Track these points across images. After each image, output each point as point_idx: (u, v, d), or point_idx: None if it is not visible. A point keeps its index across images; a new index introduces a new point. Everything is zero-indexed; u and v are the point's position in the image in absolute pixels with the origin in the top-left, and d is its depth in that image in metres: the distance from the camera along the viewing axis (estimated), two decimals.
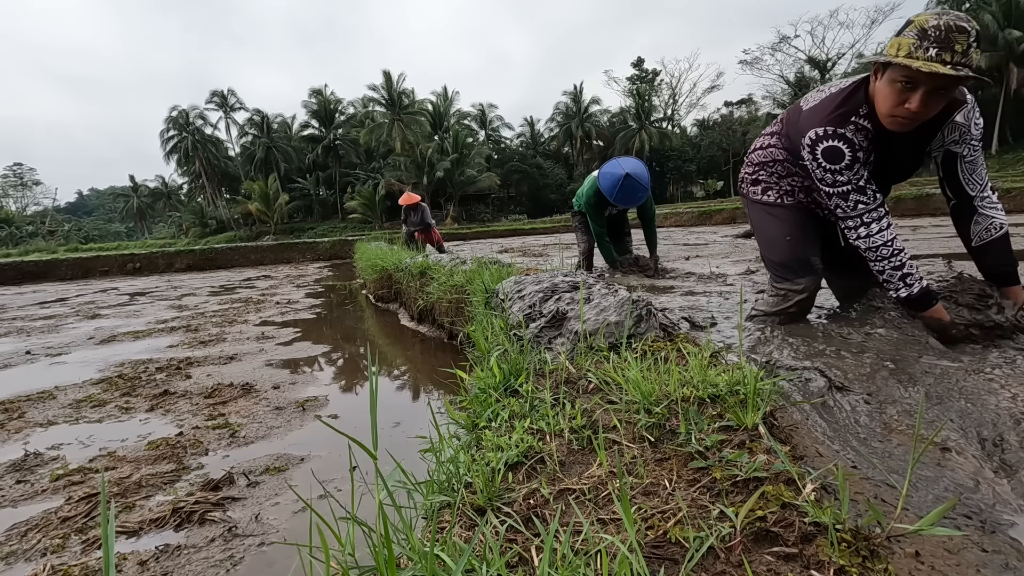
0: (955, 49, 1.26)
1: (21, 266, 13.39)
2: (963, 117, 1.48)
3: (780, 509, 0.61)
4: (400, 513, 0.67)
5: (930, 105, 1.37)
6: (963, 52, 1.26)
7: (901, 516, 0.62)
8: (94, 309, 6.20)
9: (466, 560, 0.57)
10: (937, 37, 1.27)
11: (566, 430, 0.93)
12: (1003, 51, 28.29)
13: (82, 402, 2.39)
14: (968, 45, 1.26)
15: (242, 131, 49.09)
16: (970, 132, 1.50)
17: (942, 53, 1.27)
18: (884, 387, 1.15)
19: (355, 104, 49.53)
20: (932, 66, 1.26)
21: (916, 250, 4.07)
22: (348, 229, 38.13)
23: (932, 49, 1.28)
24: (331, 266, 12.76)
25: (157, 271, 14.00)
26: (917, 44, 1.30)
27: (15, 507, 1.48)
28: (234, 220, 47.95)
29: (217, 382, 2.59)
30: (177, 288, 8.62)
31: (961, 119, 1.49)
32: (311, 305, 5.57)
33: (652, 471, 0.76)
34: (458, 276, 3.00)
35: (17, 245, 46.51)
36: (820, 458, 0.82)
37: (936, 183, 1.78)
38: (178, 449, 1.79)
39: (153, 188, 59.49)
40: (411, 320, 4.07)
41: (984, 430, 0.96)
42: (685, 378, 1.00)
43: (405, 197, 8.01)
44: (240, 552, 1.21)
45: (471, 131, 47.91)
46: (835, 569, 0.52)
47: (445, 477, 0.85)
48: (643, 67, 47.91)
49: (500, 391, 1.20)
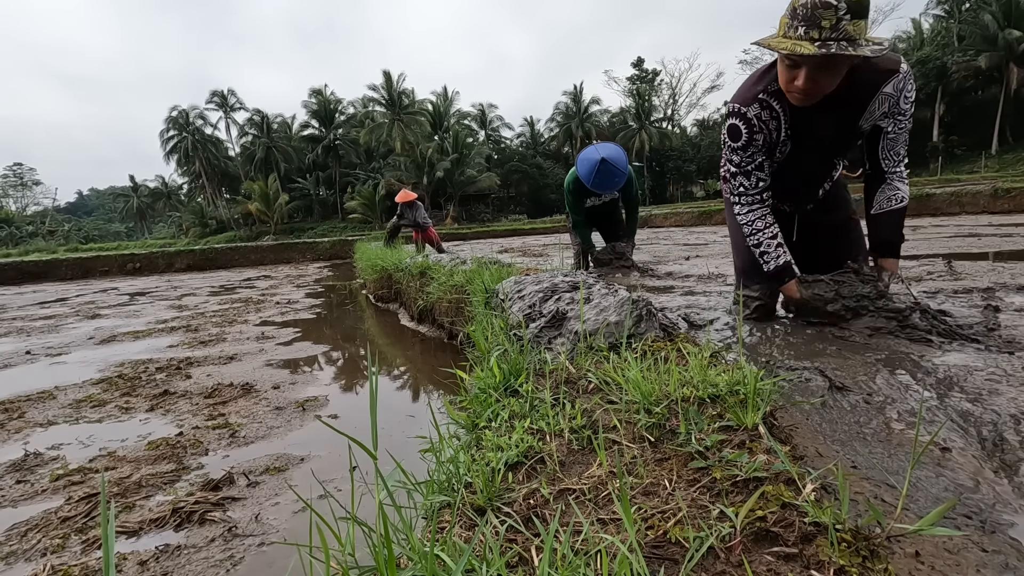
0: (822, 26, 1.24)
1: (21, 266, 13.39)
2: (892, 88, 1.43)
3: (780, 509, 0.61)
4: (400, 513, 0.67)
5: (820, 81, 1.35)
6: (832, 27, 1.24)
7: (901, 516, 0.62)
8: (94, 309, 6.19)
9: (466, 560, 0.56)
10: (804, 15, 1.27)
11: (566, 430, 0.93)
12: (1003, 51, 28.29)
13: (82, 402, 2.39)
14: (837, 19, 1.23)
15: (242, 131, 49.08)
16: (899, 105, 1.45)
17: (810, 31, 1.26)
18: (884, 387, 1.15)
19: (355, 104, 49.52)
20: (799, 45, 1.26)
21: (916, 250, 4.07)
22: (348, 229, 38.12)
23: (800, 28, 1.28)
24: (331, 266, 12.76)
25: (157, 271, 14.00)
26: (789, 23, 1.31)
27: (15, 507, 1.48)
28: (234, 220, 47.94)
29: (217, 382, 2.59)
30: (177, 288, 8.62)
31: (890, 89, 1.44)
32: (311, 305, 5.57)
33: (652, 471, 0.76)
34: (458, 276, 3.00)
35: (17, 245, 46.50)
36: (820, 458, 0.82)
37: (937, 183, 1.80)
38: (178, 449, 1.79)
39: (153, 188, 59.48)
40: (411, 320, 4.07)
41: (984, 430, 0.96)
42: (685, 378, 1.00)
43: (402, 194, 7.98)
44: (240, 552, 1.21)
45: (471, 131, 47.90)
46: (835, 569, 0.52)
47: (445, 477, 0.85)
48: (643, 67, 47.91)
49: (500, 391, 1.20)
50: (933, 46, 34.09)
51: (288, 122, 50.17)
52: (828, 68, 1.32)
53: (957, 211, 11.19)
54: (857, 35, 1.25)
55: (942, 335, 1.44)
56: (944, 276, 2.68)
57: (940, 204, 11.67)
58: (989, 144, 30.42)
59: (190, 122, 48.08)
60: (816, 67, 1.32)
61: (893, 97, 1.45)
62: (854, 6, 1.23)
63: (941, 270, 2.91)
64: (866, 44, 1.26)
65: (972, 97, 33.92)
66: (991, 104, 30.69)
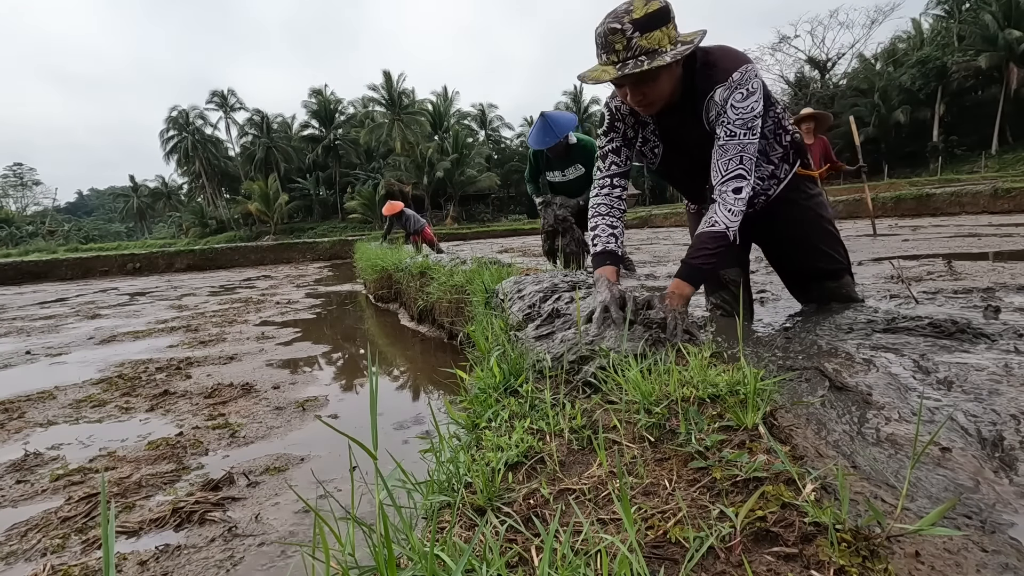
0: (616, 49, 1.32)
1: (21, 266, 13.39)
2: (720, 96, 1.44)
3: (780, 509, 0.61)
4: (400, 513, 0.67)
5: (648, 93, 1.41)
6: (626, 47, 1.31)
7: (901, 516, 0.62)
8: (94, 309, 6.19)
9: (466, 560, 0.56)
10: (601, 43, 1.36)
11: (566, 430, 0.93)
12: (1003, 51, 28.29)
13: (82, 402, 2.39)
14: (627, 40, 1.31)
15: (242, 131, 49.10)
16: (726, 113, 1.43)
17: (609, 56, 1.35)
18: (884, 387, 1.15)
19: (355, 104, 49.54)
20: (604, 72, 1.35)
21: (916, 250, 4.07)
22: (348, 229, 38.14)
23: (602, 55, 1.37)
24: (331, 266, 12.76)
25: (157, 271, 14.00)
26: (597, 51, 1.39)
27: (15, 507, 1.48)
28: (234, 220, 47.96)
29: (217, 382, 2.59)
30: (177, 288, 8.62)
31: (718, 97, 1.45)
32: (311, 305, 5.57)
33: (652, 471, 0.76)
34: (458, 276, 3.00)
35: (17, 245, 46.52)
36: (820, 458, 0.82)
37: (937, 183, 1.78)
38: (178, 449, 1.79)
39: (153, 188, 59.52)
40: (411, 320, 4.07)
41: (984, 430, 0.96)
42: (685, 378, 1.00)
43: (388, 207, 7.90)
44: (240, 552, 1.21)
45: (471, 131, 47.90)
46: (835, 569, 0.52)
47: (445, 477, 0.85)
48: None
49: (500, 391, 1.20)
50: (933, 46, 34.09)
51: (288, 122, 50.18)
52: (645, 81, 1.38)
53: (957, 211, 11.19)
54: (655, 46, 1.31)
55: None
56: (944, 276, 2.68)
57: (940, 204, 11.68)
58: (989, 144, 30.42)
59: (190, 122, 48.09)
60: (633, 82, 1.39)
61: (719, 105, 1.45)
62: (641, 22, 1.30)
63: (941, 270, 2.91)
64: (670, 49, 1.32)
65: (972, 97, 33.92)
66: (991, 104, 30.69)
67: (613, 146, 1.67)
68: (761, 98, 1.45)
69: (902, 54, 37.30)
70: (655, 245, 7.36)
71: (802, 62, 41.00)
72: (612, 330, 1.29)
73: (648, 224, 17.78)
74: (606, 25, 1.34)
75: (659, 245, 7.32)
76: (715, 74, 1.45)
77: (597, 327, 1.32)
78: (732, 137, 1.43)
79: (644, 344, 1.22)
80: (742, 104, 1.42)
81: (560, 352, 1.25)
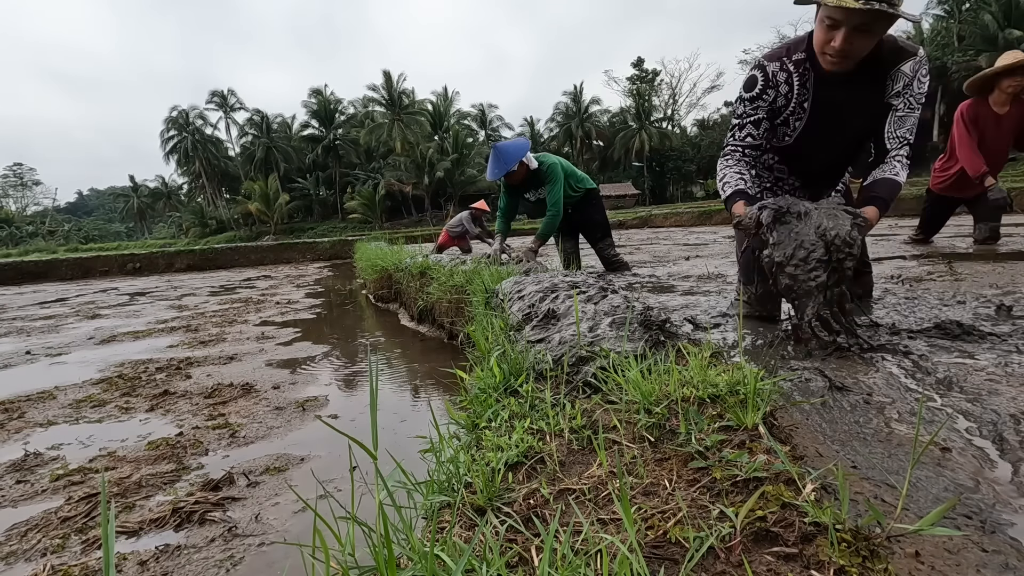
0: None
1: (21, 266, 13.39)
2: (909, 68, 1.49)
3: (780, 509, 0.61)
4: (400, 513, 0.67)
5: (855, 43, 1.40)
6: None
7: (901, 516, 0.62)
8: (94, 309, 6.20)
9: (466, 560, 0.56)
10: None
11: (566, 430, 0.93)
12: (1003, 51, 28.26)
13: (82, 402, 2.39)
14: None
15: (242, 131, 49.09)
16: (911, 87, 1.49)
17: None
18: (884, 387, 1.15)
19: (355, 104, 49.55)
20: (844, 0, 1.30)
21: (915, 250, 4.08)
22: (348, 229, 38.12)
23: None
24: (331, 266, 12.76)
25: (157, 271, 14.00)
26: None
27: (15, 507, 1.48)
28: (234, 220, 47.95)
29: (217, 382, 2.59)
30: (177, 288, 8.62)
31: (907, 69, 1.49)
32: (311, 305, 5.57)
33: (652, 471, 0.76)
34: (458, 276, 3.00)
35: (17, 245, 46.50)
36: (820, 458, 0.82)
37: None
38: (178, 449, 1.79)
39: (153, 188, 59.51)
40: (411, 320, 4.07)
41: (984, 429, 0.96)
42: (685, 378, 1.00)
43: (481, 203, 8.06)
44: (240, 552, 1.21)
45: (471, 131, 47.90)
46: (835, 569, 0.52)
47: (445, 477, 0.85)
48: (643, 67, 47.93)
49: (500, 391, 1.20)
50: (933, 46, 34.08)
51: (288, 122, 50.17)
52: (865, 31, 1.37)
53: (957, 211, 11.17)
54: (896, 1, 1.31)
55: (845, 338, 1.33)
56: (944, 276, 2.68)
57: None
58: None
59: (190, 122, 48.07)
60: (854, 28, 1.37)
61: (908, 76, 1.49)
62: None
63: (941, 270, 2.91)
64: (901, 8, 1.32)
65: None
66: None
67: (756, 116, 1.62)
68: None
69: None
70: (655, 245, 7.36)
71: None
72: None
73: (648, 224, 17.78)
74: None
75: (659, 245, 7.32)
76: (903, 49, 1.49)
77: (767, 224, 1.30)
78: (913, 110, 1.50)
79: (644, 344, 1.22)
80: (926, 79, 1.49)
81: (560, 353, 1.25)
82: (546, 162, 3.69)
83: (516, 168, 3.57)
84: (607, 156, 47.06)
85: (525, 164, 3.63)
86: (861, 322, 1.40)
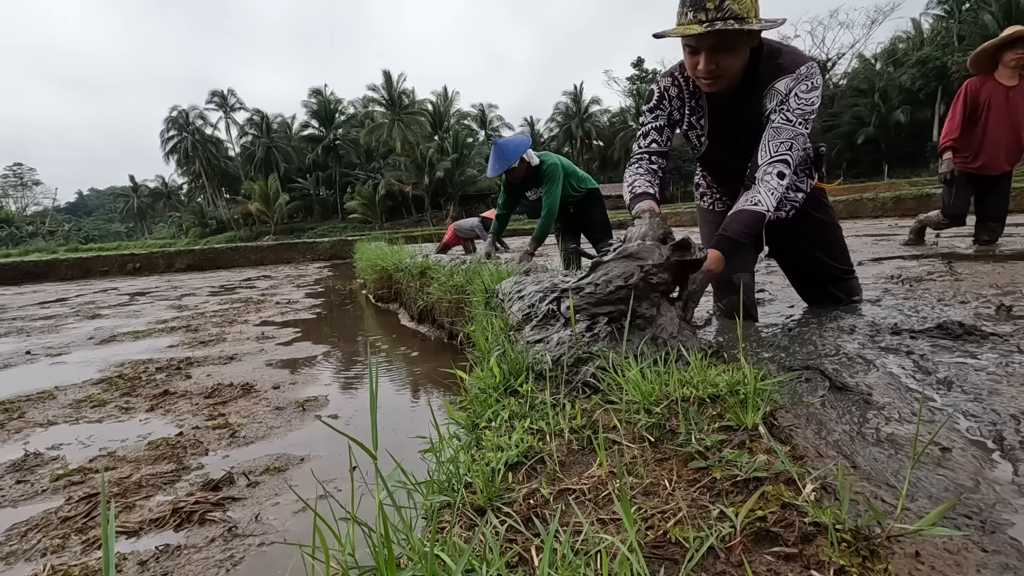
0: (707, 7, 1.31)
1: (21, 266, 13.39)
2: (783, 86, 1.46)
3: (780, 509, 0.61)
4: (400, 513, 0.67)
5: (720, 63, 1.41)
6: (717, 7, 1.30)
7: (901, 516, 0.62)
8: (94, 309, 6.20)
9: (466, 560, 0.56)
10: (691, 1, 1.34)
11: (566, 430, 0.93)
12: None
13: (82, 402, 2.39)
14: (719, 0, 1.30)
15: (242, 131, 49.10)
16: (787, 103, 1.45)
17: (697, 13, 1.33)
18: (884, 387, 1.15)
19: (355, 104, 49.57)
20: (688, 28, 1.32)
21: (915, 250, 4.07)
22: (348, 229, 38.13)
23: (689, 12, 1.35)
24: (331, 266, 12.76)
25: (157, 271, 14.00)
26: (680, 10, 1.37)
27: (15, 507, 1.48)
28: (234, 220, 47.96)
29: (217, 382, 2.59)
30: (177, 288, 8.62)
31: (781, 87, 1.47)
32: (311, 305, 5.57)
33: (652, 471, 0.76)
34: (458, 276, 3.00)
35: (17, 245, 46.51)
36: (820, 458, 0.82)
37: (936, 183, 1.79)
38: (178, 449, 1.79)
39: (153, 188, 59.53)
40: (411, 320, 4.07)
41: (985, 429, 0.96)
42: (685, 378, 1.00)
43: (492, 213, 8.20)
44: (240, 552, 1.21)
45: (471, 131, 47.90)
46: (835, 569, 0.52)
47: (445, 477, 0.85)
48: (643, 67, 47.90)
49: (500, 391, 1.20)
50: (933, 46, 34.08)
51: (288, 122, 50.18)
52: (724, 49, 1.38)
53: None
54: (744, 13, 1.31)
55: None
56: (944, 276, 2.68)
57: (940, 204, 11.65)
58: None
59: (190, 122, 48.09)
60: (712, 49, 1.38)
61: (781, 94, 1.47)
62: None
63: (941, 270, 2.91)
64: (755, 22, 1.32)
65: None
66: None
67: (657, 124, 1.67)
68: (820, 97, 1.48)
69: (902, 54, 37.31)
70: None
71: None
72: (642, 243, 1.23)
73: None
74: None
75: None
76: (781, 65, 1.47)
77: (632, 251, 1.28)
78: (788, 123, 1.45)
79: (644, 344, 1.21)
80: (806, 96, 1.44)
81: (559, 354, 1.24)
82: (547, 162, 3.69)
83: (517, 165, 3.57)
84: (607, 156, 47.08)
85: (526, 161, 3.63)
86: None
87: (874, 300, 2.09)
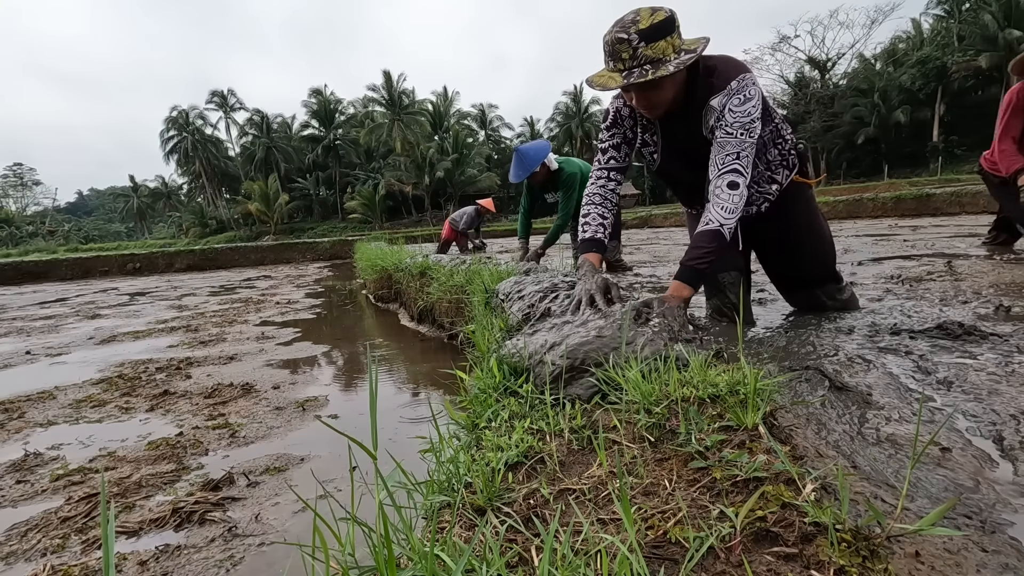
0: (622, 58, 1.38)
1: (21, 266, 13.39)
2: (717, 103, 1.50)
3: (780, 509, 0.61)
4: (400, 513, 0.67)
5: (652, 99, 1.47)
6: (632, 56, 1.37)
7: (901, 516, 0.62)
8: (94, 309, 6.19)
9: (466, 560, 0.56)
10: (608, 52, 1.42)
11: (566, 430, 0.93)
12: (1003, 51, 28.27)
13: (82, 402, 2.39)
14: (633, 49, 1.36)
15: (242, 131, 49.10)
16: (724, 117, 1.49)
17: (616, 63, 1.40)
18: (884, 387, 1.15)
19: (355, 104, 49.55)
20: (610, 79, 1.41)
21: (915, 250, 4.07)
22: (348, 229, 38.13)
23: (609, 62, 1.43)
24: (331, 266, 12.76)
25: (157, 271, 14.00)
26: (604, 58, 1.44)
27: (15, 507, 1.48)
28: (234, 220, 47.96)
29: (217, 382, 2.59)
30: (177, 288, 8.62)
31: (715, 104, 1.51)
32: (311, 305, 5.57)
33: (652, 471, 0.76)
34: (458, 276, 3.00)
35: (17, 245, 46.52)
36: (820, 458, 0.82)
37: (937, 183, 1.78)
38: (178, 449, 1.79)
39: (153, 188, 59.53)
40: (411, 320, 4.07)
41: (985, 429, 0.96)
42: (685, 378, 1.00)
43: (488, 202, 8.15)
44: (240, 552, 1.21)
45: (471, 131, 47.91)
46: (835, 569, 0.52)
47: (445, 477, 0.85)
48: None
49: (500, 391, 1.20)
50: (933, 46, 34.09)
51: (288, 122, 50.18)
52: (649, 88, 1.44)
53: (957, 211, 11.18)
54: (659, 55, 1.36)
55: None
56: (944, 276, 2.68)
57: (940, 204, 11.67)
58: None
59: (190, 122, 48.09)
60: (639, 89, 1.45)
61: (716, 111, 1.51)
62: (646, 33, 1.35)
63: (941, 270, 2.91)
64: (674, 58, 1.37)
65: (972, 97, 33.90)
66: (991, 104, 30.61)
67: (614, 142, 1.74)
68: (759, 104, 1.50)
69: (902, 54, 37.30)
70: (655, 245, 7.36)
71: (802, 62, 40.99)
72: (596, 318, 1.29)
73: (648, 224, 17.78)
74: (613, 34, 1.39)
75: (659, 245, 7.32)
76: (714, 83, 1.51)
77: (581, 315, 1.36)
78: (730, 136, 1.48)
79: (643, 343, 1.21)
80: (739, 108, 1.48)
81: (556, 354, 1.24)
82: (567, 169, 3.81)
83: (538, 170, 3.72)
84: None
85: (546, 166, 3.77)
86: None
87: (874, 300, 2.09)
